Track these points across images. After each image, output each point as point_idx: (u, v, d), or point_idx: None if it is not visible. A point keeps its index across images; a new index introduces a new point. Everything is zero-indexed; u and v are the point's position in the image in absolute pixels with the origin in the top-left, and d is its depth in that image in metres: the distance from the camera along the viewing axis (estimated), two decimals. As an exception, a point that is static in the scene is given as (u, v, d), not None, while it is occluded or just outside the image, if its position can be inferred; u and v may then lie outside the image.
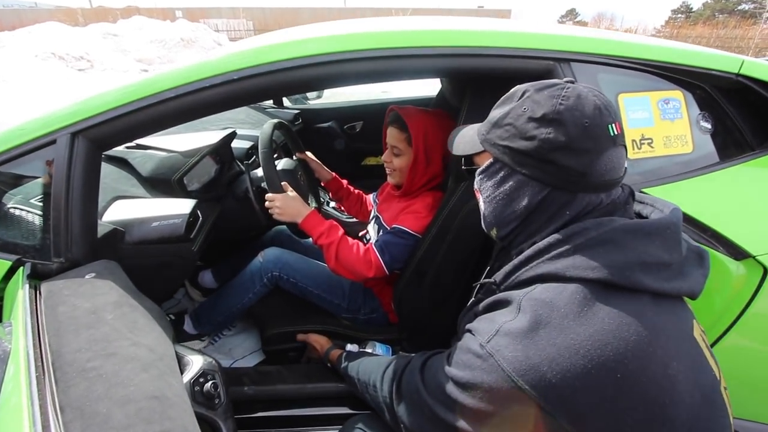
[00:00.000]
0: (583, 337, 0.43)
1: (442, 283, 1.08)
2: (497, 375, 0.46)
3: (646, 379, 0.43)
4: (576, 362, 0.43)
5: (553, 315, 0.45)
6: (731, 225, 0.80)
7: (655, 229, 0.50)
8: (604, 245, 0.48)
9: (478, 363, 0.48)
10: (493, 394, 0.46)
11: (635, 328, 0.44)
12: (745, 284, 0.79)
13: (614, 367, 0.42)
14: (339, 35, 0.84)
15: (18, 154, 0.75)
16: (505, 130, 0.55)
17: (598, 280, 0.46)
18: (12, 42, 11.76)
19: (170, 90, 0.78)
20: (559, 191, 0.52)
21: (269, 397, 1.06)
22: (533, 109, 0.52)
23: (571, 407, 0.43)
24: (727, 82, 0.90)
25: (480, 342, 0.49)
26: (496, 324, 0.49)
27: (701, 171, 0.87)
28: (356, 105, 2.41)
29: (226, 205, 1.30)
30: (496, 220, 0.59)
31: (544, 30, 0.91)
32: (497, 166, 0.57)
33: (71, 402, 0.39)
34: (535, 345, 0.44)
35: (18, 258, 0.75)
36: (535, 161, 0.52)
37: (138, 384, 0.42)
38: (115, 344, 0.48)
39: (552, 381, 0.43)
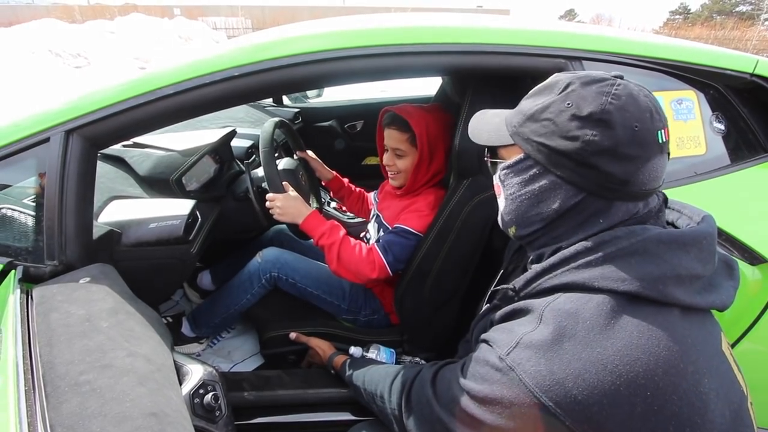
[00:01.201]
0: (611, 352, 0.41)
1: (443, 283, 1.06)
2: (518, 390, 0.43)
3: (677, 398, 0.40)
4: (604, 378, 0.40)
5: (578, 327, 0.43)
6: (747, 229, 0.78)
7: (692, 240, 0.46)
8: (637, 256, 0.45)
9: (497, 377, 0.45)
10: (513, 411, 0.44)
11: (666, 343, 0.41)
12: (761, 289, 0.77)
13: (644, 384, 0.40)
14: (343, 31, 0.81)
15: (9, 153, 0.72)
16: (542, 125, 0.49)
17: (628, 293, 0.43)
18: (8, 38, 11.66)
19: (168, 87, 0.75)
20: (594, 197, 0.48)
21: (270, 402, 1.03)
22: (579, 106, 0.46)
23: (599, 426, 0.40)
24: (741, 82, 0.88)
25: (499, 354, 0.46)
26: (516, 335, 0.46)
27: (714, 173, 0.85)
28: (357, 104, 2.38)
29: (226, 206, 1.27)
30: (518, 220, 0.55)
31: (554, 27, 0.88)
32: (528, 163, 0.52)
33: (63, 420, 0.36)
34: (560, 359, 0.42)
35: (9, 261, 0.72)
36: (573, 164, 0.47)
37: (134, 399, 0.39)
38: (111, 355, 0.46)
39: (578, 398, 0.40)
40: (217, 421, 0.51)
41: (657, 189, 0.49)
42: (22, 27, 12.56)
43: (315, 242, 1.08)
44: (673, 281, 0.43)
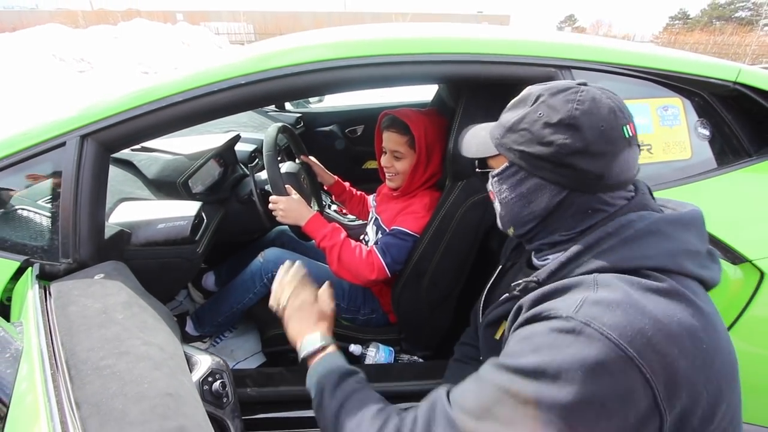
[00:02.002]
0: (672, 307, 0.43)
1: (440, 282, 1.09)
2: (603, 345, 0.40)
3: (721, 352, 0.44)
4: (674, 329, 0.42)
5: (634, 290, 0.44)
6: (729, 230, 0.81)
7: (691, 220, 0.53)
8: (652, 236, 0.49)
9: (568, 339, 0.42)
10: (599, 372, 0.40)
11: (705, 307, 0.45)
12: (742, 288, 0.81)
13: (701, 338, 0.43)
14: (344, 42, 0.85)
15: (28, 156, 0.76)
16: (520, 135, 0.54)
17: (656, 268, 0.47)
18: (12, 43, 11.77)
19: (178, 94, 0.79)
20: (577, 193, 0.53)
21: (272, 398, 1.07)
22: (549, 115, 0.52)
23: (671, 376, 0.41)
24: (725, 90, 0.91)
25: (566, 315, 0.43)
26: (576, 299, 0.44)
27: (699, 177, 0.89)
28: (357, 109, 2.43)
29: (230, 208, 1.31)
30: (513, 221, 0.60)
31: (545, 37, 0.92)
32: (513, 170, 0.57)
33: (87, 398, 0.40)
34: (634, 310, 0.42)
35: (26, 259, 0.76)
36: (552, 165, 0.52)
37: (151, 381, 0.43)
38: (127, 343, 0.49)
39: (657, 347, 0.41)
40: (225, 407, 0.54)
41: (632, 178, 0.54)
42: (26, 32, 12.68)
43: (317, 244, 1.12)
44: (684, 255, 0.49)
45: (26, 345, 0.52)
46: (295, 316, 0.70)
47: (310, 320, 0.69)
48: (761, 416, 0.86)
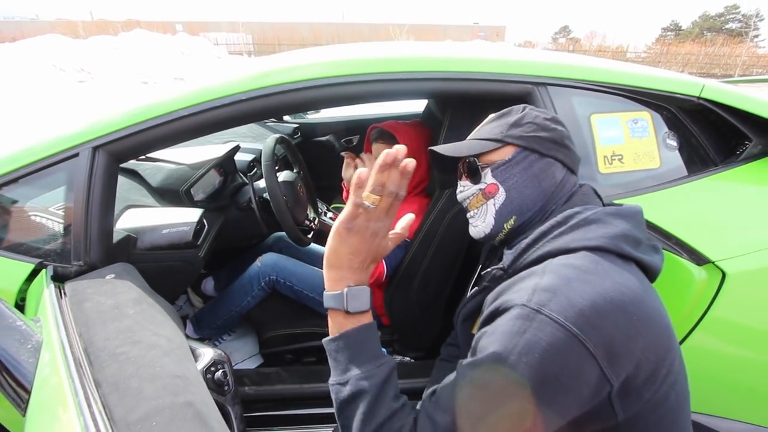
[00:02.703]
0: (606, 287, 0.50)
1: (429, 284, 1.15)
2: (551, 328, 0.47)
3: (654, 325, 0.51)
4: (606, 307, 0.48)
5: (576, 272, 0.51)
6: (693, 233, 0.88)
7: (628, 212, 0.62)
8: (594, 223, 0.58)
9: (525, 325, 0.48)
10: (551, 353, 0.46)
11: (638, 283, 0.52)
12: (706, 287, 0.87)
13: (633, 311, 0.49)
14: (338, 60, 0.92)
15: (45, 165, 0.82)
16: (528, 127, 0.67)
17: (598, 247, 0.55)
18: (13, 54, 11.87)
19: (184, 109, 0.86)
20: (569, 172, 0.68)
21: (269, 397, 1.11)
22: (543, 113, 0.69)
23: (609, 347, 0.47)
24: (690, 104, 0.99)
25: (521, 303, 0.49)
26: (528, 288, 0.51)
27: (667, 184, 0.95)
28: (353, 119, 2.50)
29: (230, 215, 1.37)
30: (519, 208, 0.66)
31: (523, 56, 1.00)
32: (524, 154, 0.66)
33: (107, 379, 0.46)
34: (574, 293, 0.49)
35: (40, 261, 0.82)
36: (557, 145, 0.67)
37: (162, 365, 0.49)
38: (139, 334, 0.55)
39: (594, 323, 0.47)
40: (226, 394, 0.60)
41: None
42: (26, 42, 12.80)
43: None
44: (623, 239, 0.56)
45: (46, 337, 0.58)
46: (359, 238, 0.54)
47: (366, 259, 0.55)
48: (727, 409, 0.91)
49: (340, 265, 0.55)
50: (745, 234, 0.88)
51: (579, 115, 0.95)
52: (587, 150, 0.94)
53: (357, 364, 0.54)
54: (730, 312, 0.86)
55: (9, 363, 0.54)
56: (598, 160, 0.94)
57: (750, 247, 0.86)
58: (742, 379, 0.89)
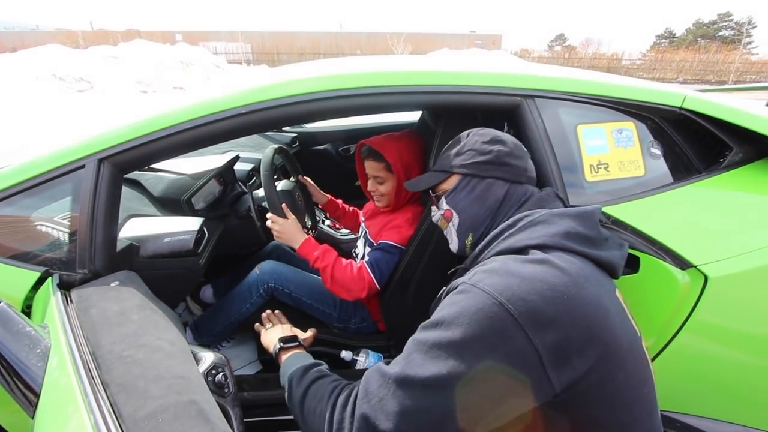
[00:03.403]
0: (539, 270, 0.57)
1: (425, 290, 1.18)
2: (482, 297, 0.54)
3: (585, 304, 0.55)
4: (536, 285, 0.55)
5: (515, 261, 0.59)
6: (676, 238, 0.91)
7: (577, 213, 0.67)
8: (540, 224, 0.66)
9: (461, 297, 0.56)
10: (479, 316, 0.53)
11: (573, 268, 0.58)
12: (689, 291, 0.90)
13: (561, 290, 0.55)
14: (333, 75, 0.96)
15: (52, 177, 0.86)
16: (467, 155, 0.77)
17: (540, 245, 0.62)
18: (13, 63, 11.96)
19: (185, 122, 0.89)
20: (515, 185, 0.76)
21: (267, 402, 1.13)
22: (482, 137, 0.78)
23: (535, 316, 0.53)
24: (672, 115, 1.03)
25: (461, 282, 0.59)
26: (471, 272, 0.61)
27: (652, 192, 0.99)
28: (350, 129, 2.54)
29: (229, 223, 1.40)
30: (471, 224, 0.77)
31: (512, 70, 1.04)
32: (467, 180, 0.77)
33: (114, 380, 0.48)
34: (508, 274, 0.57)
35: (46, 270, 0.85)
36: (495, 166, 0.75)
37: (166, 367, 0.51)
38: (143, 338, 0.57)
39: (522, 296, 0.53)
40: (227, 396, 0.62)
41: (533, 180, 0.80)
42: (27, 52, 12.90)
43: (311, 265, 1.20)
44: (564, 236, 0.63)
45: (54, 342, 0.61)
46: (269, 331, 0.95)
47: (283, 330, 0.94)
48: (711, 409, 0.94)
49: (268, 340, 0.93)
50: (726, 239, 0.92)
51: (566, 125, 0.99)
52: (574, 159, 0.98)
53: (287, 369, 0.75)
54: (712, 314, 0.89)
55: (19, 367, 0.57)
56: (585, 168, 0.98)
57: (731, 251, 0.89)
58: (726, 380, 0.92)
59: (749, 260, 0.88)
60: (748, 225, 0.93)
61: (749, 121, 0.98)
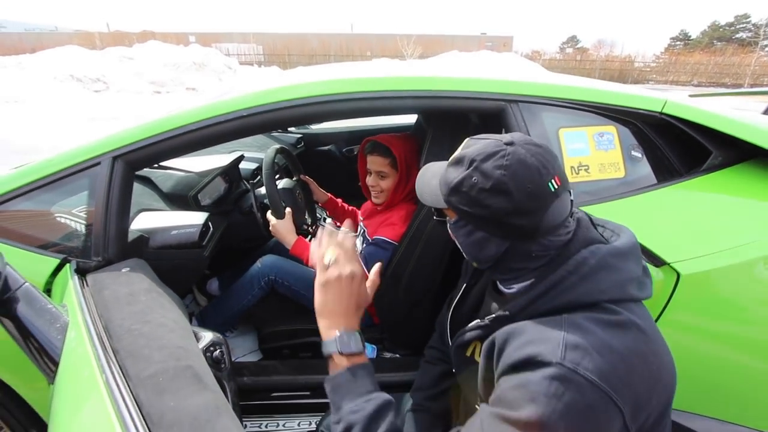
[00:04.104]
0: (628, 342, 0.51)
1: (415, 284, 1.24)
2: (590, 391, 0.47)
3: (664, 369, 0.53)
4: (633, 361, 0.50)
5: (598, 330, 0.51)
6: (651, 237, 0.96)
7: (629, 250, 0.60)
8: (603, 270, 0.56)
9: (563, 387, 0.47)
10: (587, 412, 0.46)
11: (653, 330, 0.55)
12: (663, 287, 0.94)
13: (652, 361, 0.52)
14: (330, 80, 1.03)
15: (71, 173, 0.94)
16: (462, 197, 0.60)
17: (611, 299, 0.55)
18: (33, 64, 12.32)
19: (193, 123, 0.97)
20: (519, 241, 0.60)
21: (265, 387, 1.21)
22: (483, 182, 0.57)
23: (635, 401, 0.49)
24: (653, 119, 1.07)
25: (556, 362, 0.48)
26: (554, 341, 0.50)
27: (630, 193, 1.03)
28: (354, 130, 2.62)
29: (233, 219, 1.48)
30: (474, 259, 0.67)
31: (498, 76, 1.10)
32: (462, 223, 0.64)
33: (123, 348, 0.56)
34: (605, 350, 0.49)
35: (65, 257, 0.93)
36: (493, 224, 0.59)
37: (169, 339, 0.58)
38: (150, 315, 0.65)
39: (625, 380, 0.48)
40: (223, 371, 0.69)
41: (565, 221, 0.60)
42: (46, 53, 13.27)
43: (305, 263, 1.28)
44: (629, 283, 0.57)
45: (72, 318, 0.68)
46: (336, 287, 0.63)
47: (350, 304, 0.64)
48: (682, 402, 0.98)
49: (328, 313, 0.62)
50: (700, 238, 0.96)
51: (548, 129, 1.04)
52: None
53: (348, 400, 0.57)
54: (684, 310, 0.93)
55: (42, 338, 0.65)
56: (566, 170, 1.03)
57: (703, 250, 0.94)
58: (697, 374, 0.96)
59: (720, 259, 0.92)
60: (722, 225, 0.97)
61: (727, 126, 1.03)
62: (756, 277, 0.92)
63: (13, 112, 8.37)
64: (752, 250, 0.93)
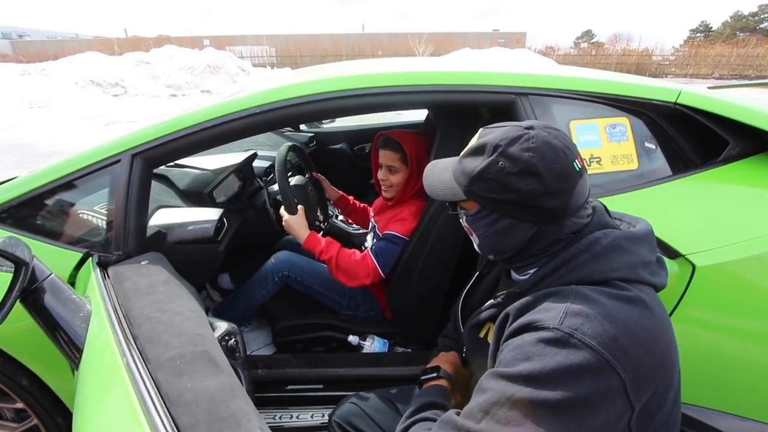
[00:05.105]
0: (636, 315, 0.52)
1: (427, 277, 1.25)
2: (586, 354, 0.47)
3: (671, 349, 0.53)
4: (639, 333, 0.50)
5: (605, 301, 0.52)
6: (666, 229, 0.94)
7: (644, 235, 0.61)
8: (615, 251, 0.57)
9: (555, 349, 0.48)
10: (580, 376, 0.47)
11: (661, 309, 0.56)
12: (678, 280, 0.93)
13: (659, 339, 0.52)
14: (335, 78, 1.04)
15: (94, 170, 0.98)
16: (488, 184, 0.59)
17: (622, 278, 0.56)
18: (56, 70, 12.73)
19: (207, 121, 1.00)
20: (547, 225, 0.60)
21: (279, 379, 1.23)
22: (511, 165, 0.57)
23: (638, 373, 0.48)
24: (667, 110, 1.05)
25: (554, 326, 0.49)
26: (558, 310, 0.51)
27: (644, 185, 1.02)
28: (364, 128, 2.63)
29: (247, 215, 1.51)
30: (493, 251, 0.66)
31: (507, 69, 1.10)
32: (486, 212, 0.62)
33: (143, 334, 0.58)
34: (607, 320, 0.49)
35: (87, 251, 0.97)
36: (522, 208, 0.59)
37: (186, 326, 0.61)
38: (168, 305, 0.67)
39: (627, 350, 0.48)
40: (237, 360, 0.71)
41: (587, 200, 0.62)
42: (67, 59, 13.70)
43: (317, 258, 1.30)
44: (641, 266, 0.58)
45: (95, 308, 0.71)
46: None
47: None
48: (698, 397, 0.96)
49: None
50: (716, 230, 0.94)
51: (558, 121, 1.03)
52: None
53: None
54: (699, 302, 0.92)
55: (67, 327, 0.68)
56: (584, 167, 1.02)
57: (719, 242, 0.92)
58: (713, 368, 0.94)
59: (736, 251, 0.90)
60: (739, 217, 0.95)
61: (746, 115, 1.00)
62: (774, 268, 0.90)
63: (38, 117, 8.68)
64: (770, 241, 0.90)
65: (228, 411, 0.43)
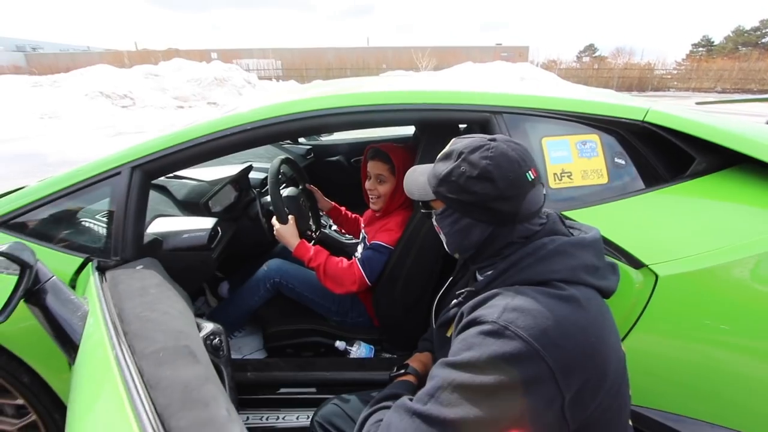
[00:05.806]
0: (568, 311, 0.57)
1: (411, 286, 1.30)
2: (517, 344, 0.53)
3: (607, 345, 0.58)
4: (568, 328, 0.55)
5: (541, 299, 0.58)
6: (631, 240, 0.99)
7: (590, 243, 0.68)
8: (559, 255, 0.64)
9: (492, 340, 0.54)
10: (512, 363, 0.53)
11: (596, 308, 0.61)
12: (642, 289, 0.98)
13: (590, 333, 0.57)
14: (327, 95, 1.12)
15: (94, 182, 1.05)
16: (451, 185, 0.68)
17: (562, 279, 0.62)
18: (67, 82, 13.04)
19: (204, 136, 1.07)
20: (501, 227, 0.68)
21: (267, 382, 1.28)
22: (470, 170, 0.65)
23: (567, 365, 0.53)
24: (636, 128, 1.11)
25: (491, 319, 0.56)
26: (499, 306, 0.58)
27: (614, 198, 1.07)
28: (360, 141, 2.71)
29: (242, 224, 1.58)
30: (457, 249, 0.75)
31: (484, 89, 1.17)
32: (450, 211, 0.71)
33: (132, 331, 0.64)
34: (540, 314, 0.55)
35: (88, 257, 1.03)
36: (478, 209, 0.67)
37: (172, 324, 0.67)
38: (158, 306, 0.73)
39: (557, 342, 0.54)
40: (221, 358, 0.77)
41: (540, 209, 0.70)
42: (78, 72, 14.03)
43: (306, 264, 1.36)
44: (583, 269, 0.64)
45: (92, 307, 0.78)
46: None
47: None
48: (663, 402, 1.00)
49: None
50: (679, 242, 0.99)
51: (531, 138, 1.10)
52: (538, 168, 1.08)
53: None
54: (662, 310, 0.96)
55: (65, 325, 0.75)
56: (549, 177, 1.08)
57: (682, 253, 0.97)
58: (676, 373, 0.98)
59: (698, 261, 0.95)
60: (702, 229, 1.00)
61: (709, 133, 1.06)
62: (735, 278, 0.94)
63: (49, 127, 8.90)
64: (733, 252, 0.95)
65: (199, 395, 0.49)
